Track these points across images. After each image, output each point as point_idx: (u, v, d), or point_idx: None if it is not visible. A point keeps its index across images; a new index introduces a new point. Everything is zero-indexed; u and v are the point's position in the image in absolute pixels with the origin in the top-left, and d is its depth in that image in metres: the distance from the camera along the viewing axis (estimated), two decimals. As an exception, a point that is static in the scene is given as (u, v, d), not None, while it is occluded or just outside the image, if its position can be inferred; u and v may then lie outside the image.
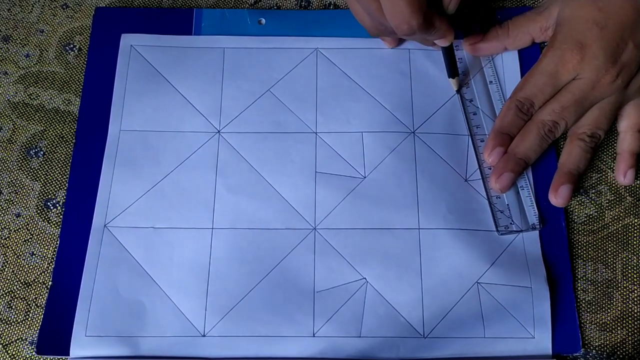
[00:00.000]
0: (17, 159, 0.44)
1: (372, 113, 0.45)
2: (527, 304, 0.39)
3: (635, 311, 0.40)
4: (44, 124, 0.45)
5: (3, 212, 0.43)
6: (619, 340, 0.40)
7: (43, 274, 0.41)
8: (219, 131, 0.44)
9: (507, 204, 0.42)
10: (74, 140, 0.44)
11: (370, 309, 0.40)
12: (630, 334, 0.40)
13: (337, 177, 0.43)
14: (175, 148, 0.44)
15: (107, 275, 0.40)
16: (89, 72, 0.46)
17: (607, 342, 0.39)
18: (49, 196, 0.43)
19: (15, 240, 0.42)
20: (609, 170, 0.43)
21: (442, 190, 0.42)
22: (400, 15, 0.37)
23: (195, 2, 0.49)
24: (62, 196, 0.43)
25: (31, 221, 0.43)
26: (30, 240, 0.42)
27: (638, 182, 0.43)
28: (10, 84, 0.47)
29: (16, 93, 0.46)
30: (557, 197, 0.42)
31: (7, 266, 0.41)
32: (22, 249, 0.42)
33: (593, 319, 0.40)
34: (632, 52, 0.41)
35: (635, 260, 0.41)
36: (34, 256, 0.42)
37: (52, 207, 0.43)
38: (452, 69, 0.44)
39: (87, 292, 0.40)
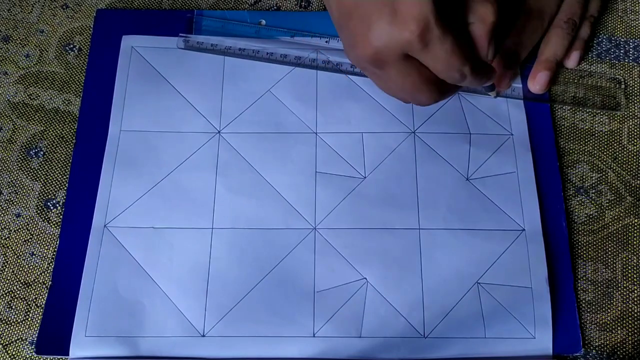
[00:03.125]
0: (17, 159, 0.44)
1: (372, 113, 0.45)
2: (527, 304, 0.39)
3: (635, 311, 0.40)
4: (44, 124, 0.45)
5: (3, 212, 0.43)
6: (619, 340, 0.40)
7: (43, 274, 0.41)
8: (219, 131, 0.44)
9: None
10: (74, 140, 0.44)
11: (371, 309, 0.40)
12: (630, 334, 0.40)
13: (337, 177, 0.43)
14: (175, 148, 0.44)
15: (107, 275, 0.40)
16: (90, 73, 0.46)
17: (607, 342, 0.39)
18: (49, 196, 0.43)
19: (15, 240, 0.42)
20: (609, 170, 0.44)
21: (442, 190, 0.42)
22: (450, 66, 0.34)
23: (195, 3, 0.49)
24: (62, 196, 0.43)
25: (31, 221, 0.42)
26: (30, 240, 0.42)
27: (639, 182, 0.43)
28: (10, 84, 0.47)
29: (16, 93, 0.46)
30: (535, 84, 0.45)
31: (7, 266, 0.41)
32: (22, 249, 0.42)
33: (593, 319, 0.40)
34: None
35: (635, 260, 0.41)
36: (34, 256, 0.42)
37: (52, 207, 0.43)
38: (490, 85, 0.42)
39: (86, 292, 0.40)
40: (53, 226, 0.42)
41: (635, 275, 0.41)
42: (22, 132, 0.45)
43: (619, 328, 0.40)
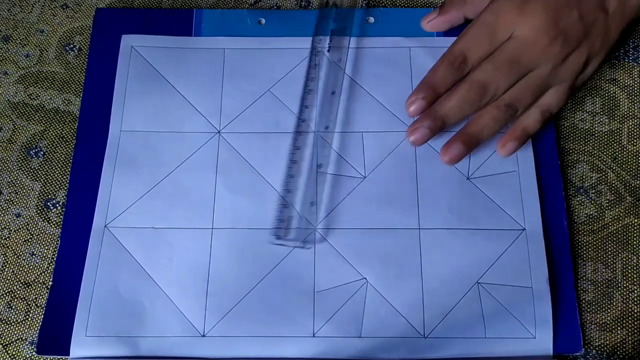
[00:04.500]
0: (17, 159, 0.44)
1: (372, 113, 0.45)
2: (528, 304, 0.39)
3: (635, 311, 0.40)
4: (44, 124, 0.45)
5: (3, 212, 0.43)
6: (619, 340, 0.40)
7: (43, 274, 0.41)
8: (219, 131, 0.44)
9: (290, 216, 0.41)
10: (74, 141, 0.44)
11: (371, 309, 0.40)
12: (630, 334, 0.40)
13: (337, 177, 0.43)
14: (175, 148, 0.44)
15: (107, 275, 0.40)
16: (90, 73, 0.46)
17: (607, 342, 0.39)
18: (49, 196, 0.43)
19: (15, 240, 0.42)
20: (609, 170, 0.44)
21: (442, 189, 0.42)
22: None
23: (195, 2, 0.49)
24: (62, 196, 0.43)
25: (31, 221, 0.43)
26: (30, 240, 0.42)
27: (638, 182, 0.43)
28: (10, 84, 0.47)
29: (16, 93, 0.46)
30: (445, 155, 0.42)
31: (7, 266, 0.41)
32: (22, 249, 0.42)
33: (593, 319, 0.40)
34: (575, 22, 0.39)
35: (635, 260, 0.41)
36: (34, 256, 0.42)
37: (52, 207, 0.43)
38: None
39: (87, 292, 0.40)
40: (53, 226, 0.42)
41: (635, 275, 0.41)
42: (22, 132, 0.45)
43: (619, 328, 0.40)
